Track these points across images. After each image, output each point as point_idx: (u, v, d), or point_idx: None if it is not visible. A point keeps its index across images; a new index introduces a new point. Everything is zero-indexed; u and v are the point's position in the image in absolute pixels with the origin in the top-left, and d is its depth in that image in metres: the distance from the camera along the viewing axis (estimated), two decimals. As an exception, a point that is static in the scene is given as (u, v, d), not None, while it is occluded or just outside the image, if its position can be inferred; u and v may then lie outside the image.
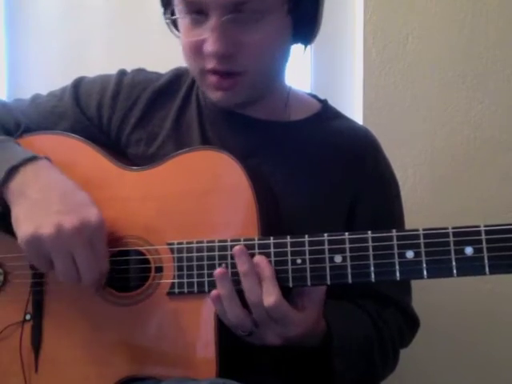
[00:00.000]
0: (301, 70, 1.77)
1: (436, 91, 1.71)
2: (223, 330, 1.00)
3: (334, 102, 1.28)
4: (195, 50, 1.05)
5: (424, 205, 1.71)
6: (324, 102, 1.26)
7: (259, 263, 0.96)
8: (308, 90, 1.70)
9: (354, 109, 1.74)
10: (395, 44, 1.71)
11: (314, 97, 1.28)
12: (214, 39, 1.01)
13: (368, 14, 1.70)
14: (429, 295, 1.62)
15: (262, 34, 1.04)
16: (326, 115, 1.23)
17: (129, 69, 1.27)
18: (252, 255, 0.97)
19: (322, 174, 1.16)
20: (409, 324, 1.21)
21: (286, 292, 0.97)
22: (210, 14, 1.01)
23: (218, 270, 0.98)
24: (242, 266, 0.97)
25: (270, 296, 0.94)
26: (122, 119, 1.21)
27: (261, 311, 0.95)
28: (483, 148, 1.71)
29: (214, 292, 0.98)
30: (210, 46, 1.01)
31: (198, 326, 1.03)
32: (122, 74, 1.25)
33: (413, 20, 1.71)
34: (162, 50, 1.68)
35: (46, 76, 1.81)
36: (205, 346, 1.01)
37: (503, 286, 1.71)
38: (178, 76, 1.25)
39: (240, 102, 1.12)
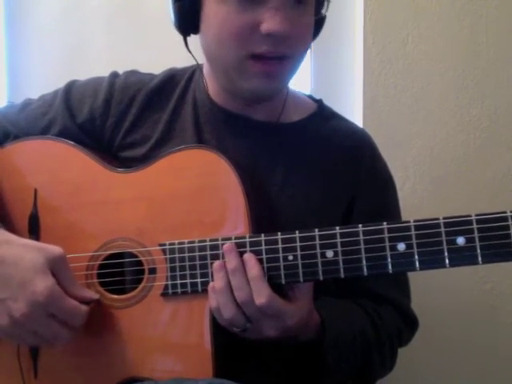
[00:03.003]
0: (301, 70, 1.76)
1: (436, 91, 1.71)
2: (218, 329, 1.00)
3: (333, 102, 1.28)
4: (245, 33, 1.01)
5: (424, 205, 1.70)
6: (319, 102, 1.25)
7: (247, 262, 0.96)
8: (308, 91, 1.71)
9: (354, 109, 1.74)
10: (395, 44, 1.71)
11: (309, 97, 1.28)
12: (281, 19, 0.99)
13: (368, 13, 1.70)
14: (428, 295, 1.62)
15: (308, 19, 1.06)
16: (322, 115, 1.23)
17: (129, 69, 1.26)
18: (243, 253, 0.97)
19: (319, 174, 1.16)
20: (407, 324, 1.20)
21: (278, 286, 0.97)
22: None
23: (216, 263, 0.98)
24: (230, 264, 0.96)
25: (261, 296, 0.94)
26: (116, 123, 1.19)
27: (252, 309, 0.95)
28: (483, 148, 1.70)
29: (211, 284, 0.98)
30: (275, 26, 0.99)
31: (193, 326, 1.03)
32: (114, 76, 1.23)
33: (413, 20, 1.70)
34: (161, 50, 1.69)
35: (46, 77, 1.81)
36: (201, 344, 1.01)
37: (503, 285, 1.70)
38: (171, 77, 1.23)
39: (275, 91, 1.11)
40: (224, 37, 1.03)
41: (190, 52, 1.13)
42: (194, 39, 1.12)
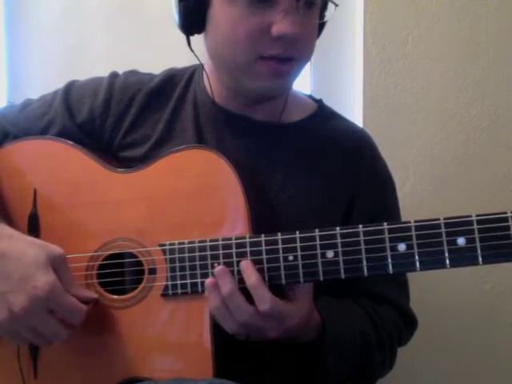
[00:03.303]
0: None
1: (436, 91, 1.71)
2: (218, 329, 1.00)
3: (333, 102, 1.28)
4: (255, 35, 1.02)
5: (424, 205, 1.70)
6: (320, 102, 1.26)
7: (244, 270, 0.96)
8: (308, 90, 1.71)
9: (354, 109, 1.73)
10: (395, 44, 1.71)
11: (310, 97, 1.28)
12: (291, 21, 1.00)
13: (368, 13, 1.70)
14: (428, 295, 1.63)
15: (314, 22, 1.06)
16: (322, 115, 1.23)
17: (129, 69, 1.26)
18: (243, 254, 0.97)
19: (319, 174, 1.16)
20: (406, 323, 1.20)
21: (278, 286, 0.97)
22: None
23: (207, 281, 0.97)
24: (224, 289, 0.96)
25: (263, 302, 0.94)
26: (115, 123, 1.19)
27: (255, 321, 0.95)
28: (483, 148, 1.70)
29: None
30: (286, 28, 1.00)
31: (193, 326, 1.03)
32: (114, 76, 1.23)
33: (413, 20, 1.70)
34: (162, 50, 1.69)
35: (46, 77, 1.80)
36: (201, 344, 1.01)
37: (503, 285, 1.70)
38: (170, 77, 1.23)
39: (281, 90, 1.12)
40: (234, 38, 1.03)
41: (192, 51, 1.12)
42: (194, 38, 1.12)
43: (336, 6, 1.08)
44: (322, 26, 1.12)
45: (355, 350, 1.08)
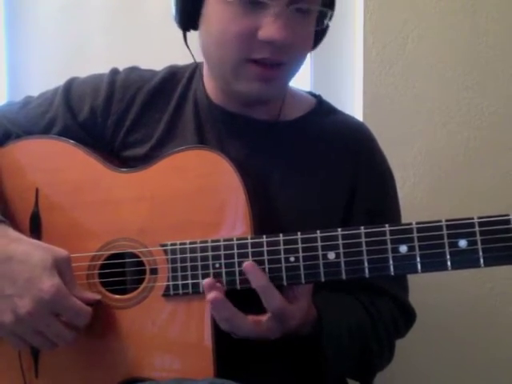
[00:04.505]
0: (301, 70, 1.75)
1: (436, 91, 1.71)
2: (220, 330, 1.00)
3: (333, 102, 1.28)
4: (244, 37, 1.01)
5: (424, 205, 1.70)
6: (318, 98, 1.26)
7: (250, 271, 0.96)
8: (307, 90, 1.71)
9: (354, 108, 1.74)
10: (395, 44, 1.71)
11: (309, 93, 1.29)
12: (280, 26, 0.99)
13: (368, 13, 1.70)
14: (428, 295, 1.63)
15: (308, 29, 1.06)
16: (321, 111, 1.23)
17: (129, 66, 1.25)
18: (245, 254, 0.97)
19: (319, 170, 1.16)
20: (404, 315, 1.20)
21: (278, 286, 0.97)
22: (271, 3, 0.99)
23: (206, 280, 0.98)
24: (209, 300, 0.96)
25: (274, 302, 0.95)
26: (116, 122, 1.19)
27: (255, 334, 0.97)
28: (483, 148, 1.70)
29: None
30: (273, 33, 0.99)
31: (194, 326, 1.03)
32: (115, 73, 1.22)
33: (413, 20, 1.70)
34: (162, 49, 1.69)
35: (46, 76, 1.80)
36: (202, 344, 1.01)
37: (503, 285, 1.71)
38: (172, 74, 1.23)
39: (272, 95, 1.11)
40: (223, 38, 1.03)
41: (188, 48, 1.13)
42: (196, 37, 1.12)
43: (332, 12, 1.08)
44: (322, 33, 1.12)
45: (352, 342, 1.08)
